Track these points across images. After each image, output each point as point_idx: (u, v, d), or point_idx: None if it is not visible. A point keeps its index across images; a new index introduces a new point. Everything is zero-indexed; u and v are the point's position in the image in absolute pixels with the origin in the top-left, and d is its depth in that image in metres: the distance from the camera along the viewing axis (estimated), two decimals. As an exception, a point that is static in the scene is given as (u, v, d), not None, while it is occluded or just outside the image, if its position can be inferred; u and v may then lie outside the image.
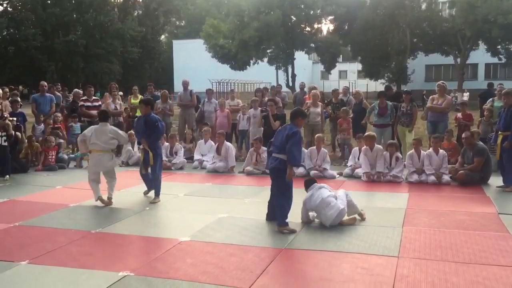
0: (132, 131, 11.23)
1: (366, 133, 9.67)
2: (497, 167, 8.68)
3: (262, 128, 10.94)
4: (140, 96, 13.83)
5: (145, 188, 8.00)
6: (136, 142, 10.99)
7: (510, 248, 5.20)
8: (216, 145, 10.50)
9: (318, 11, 41.25)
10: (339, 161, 11.09)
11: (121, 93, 14.98)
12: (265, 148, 10.09)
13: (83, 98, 12.48)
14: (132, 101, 13.44)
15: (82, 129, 12.02)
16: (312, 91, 12.15)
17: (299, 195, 6.88)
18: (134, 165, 10.67)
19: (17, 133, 9.99)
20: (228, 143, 10.55)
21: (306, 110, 11.31)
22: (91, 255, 5.10)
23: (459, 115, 11.16)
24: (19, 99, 11.61)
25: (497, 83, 13.13)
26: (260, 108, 11.05)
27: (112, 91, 12.90)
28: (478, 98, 13.59)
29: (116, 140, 7.52)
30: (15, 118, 9.97)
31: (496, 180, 8.48)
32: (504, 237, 5.59)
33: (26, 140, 10.54)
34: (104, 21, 51.57)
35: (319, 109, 11.40)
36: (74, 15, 50.95)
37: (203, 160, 10.61)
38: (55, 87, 13.75)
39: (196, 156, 10.80)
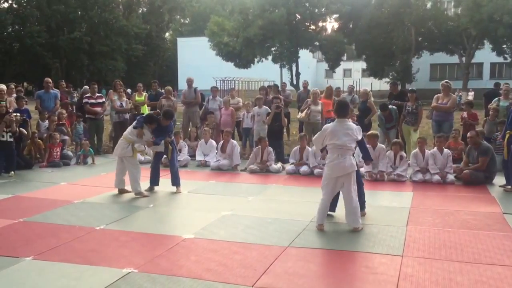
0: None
1: (369, 132, 9.61)
2: (502, 167, 8.63)
3: (266, 126, 10.94)
4: (144, 94, 13.86)
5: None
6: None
7: (515, 248, 5.18)
8: (221, 142, 10.51)
9: (323, 9, 41.09)
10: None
11: (129, 90, 14.97)
12: (271, 149, 10.08)
13: (87, 95, 12.53)
14: (137, 98, 13.44)
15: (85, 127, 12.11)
16: (313, 89, 12.22)
17: (304, 193, 6.91)
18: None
19: (22, 129, 10.03)
20: (234, 141, 10.54)
21: (307, 109, 11.35)
22: (95, 252, 5.12)
23: (465, 114, 11.10)
24: (23, 96, 11.68)
25: (503, 83, 13.05)
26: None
27: (117, 88, 12.92)
28: (482, 97, 13.53)
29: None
30: (19, 114, 9.99)
31: (501, 180, 8.44)
32: (508, 237, 5.57)
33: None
34: (108, 18, 51.58)
35: (319, 107, 11.40)
36: (79, 12, 50.96)
37: (206, 161, 10.59)
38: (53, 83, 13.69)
39: (198, 157, 10.75)
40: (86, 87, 13.40)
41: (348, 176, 5.83)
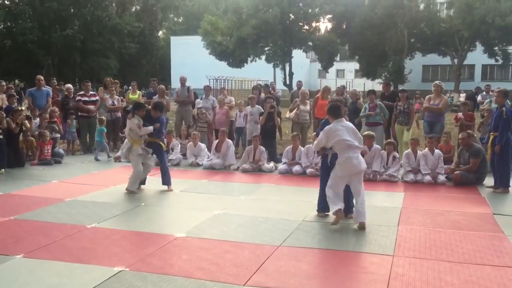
0: None
1: (365, 133, 9.59)
2: (490, 168, 8.70)
3: (259, 126, 10.94)
4: (138, 92, 13.83)
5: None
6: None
7: (504, 249, 5.23)
8: (217, 141, 10.50)
9: (317, 9, 41.13)
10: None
11: (130, 88, 14.88)
12: (263, 148, 10.08)
13: (81, 93, 12.47)
14: (130, 96, 13.41)
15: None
16: (301, 89, 12.30)
17: (296, 193, 6.91)
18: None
19: (26, 121, 10.04)
20: (229, 141, 10.52)
21: (295, 109, 11.38)
22: (86, 250, 5.10)
23: (460, 115, 11.12)
24: (15, 93, 11.63)
25: (494, 85, 13.15)
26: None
27: (109, 86, 12.85)
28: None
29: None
30: (24, 108, 9.99)
31: (490, 181, 8.49)
32: (498, 238, 5.62)
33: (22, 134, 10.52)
34: (101, 16, 51.28)
35: (308, 107, 11.43)
36: (72, 10, 50.58)
37: (197, 162, 10.57)
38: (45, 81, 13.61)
39: (190, 159, 10.76)
40: (69, 85, 13.30)
41: (359, 174, 6.00)
